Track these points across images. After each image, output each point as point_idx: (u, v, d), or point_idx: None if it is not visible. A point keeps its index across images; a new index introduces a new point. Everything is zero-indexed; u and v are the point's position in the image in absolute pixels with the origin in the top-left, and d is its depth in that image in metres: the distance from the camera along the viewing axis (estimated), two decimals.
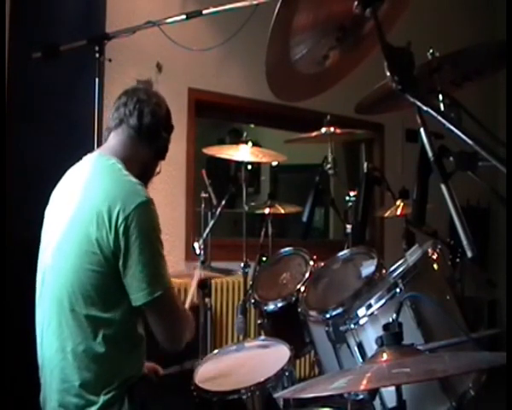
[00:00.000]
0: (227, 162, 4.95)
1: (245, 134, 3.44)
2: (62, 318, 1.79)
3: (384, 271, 2.14)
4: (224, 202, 3.20)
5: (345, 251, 2.46)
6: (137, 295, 1.77)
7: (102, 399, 1.75)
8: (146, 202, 1.80)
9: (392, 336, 1.29)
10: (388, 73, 1.16)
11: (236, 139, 3.82)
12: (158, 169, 2.09)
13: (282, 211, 3.70)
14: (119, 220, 1.75)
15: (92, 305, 1.77)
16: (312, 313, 2.19)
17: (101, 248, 1.76)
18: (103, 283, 1.77)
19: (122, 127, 1.97)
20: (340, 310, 2.04)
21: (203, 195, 3.49)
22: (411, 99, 1.16)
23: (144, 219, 1.78)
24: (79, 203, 1.83)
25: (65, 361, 1.78)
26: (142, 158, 1.99)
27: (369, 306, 1.76)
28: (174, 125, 2.09)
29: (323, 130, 2.98)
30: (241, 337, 3.13)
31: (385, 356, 1.26)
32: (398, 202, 3.34)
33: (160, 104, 2.03)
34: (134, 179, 1.85)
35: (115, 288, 1.77)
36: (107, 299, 1.78)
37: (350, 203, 2.85)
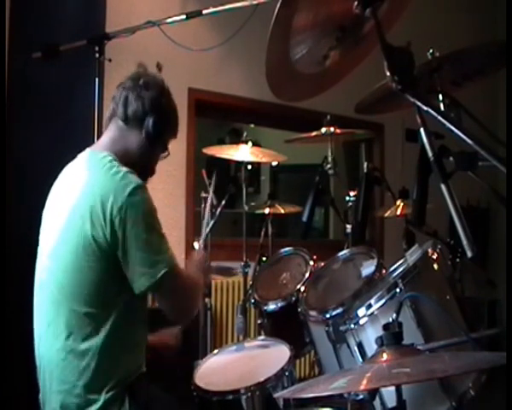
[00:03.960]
0: (227, 162, 4.95)
1: (245, 134, 3.43)
2: (62, 318, 1.79)
3: (384, 271, 2.14)
4: (223, 202, 3.20)
5: (345, 251, 2.46)
6: (141, 280, 1.76)
7: (104, 397, 1.75)
8: (136, 188, 1.78)
9: (392, 336, 1.29)
10: (388, 73, 1.16)
11: (236, 139, 3.81)
12: (166, 153, 2.04)
13: (282, 211, 3.70)
14: (114, 213, 1.74)
15: (91, 303, 1.77)
16: (312, 313, 2.19)
17: (97, 243, 1.75)
18: (101, 279, 1.77)
19: (112, 121, 1.97)
20: (340, 310, 2.04)
21: (203, 195, 3.49)
22: (411, 99, 1.16)
23: (137, 205, 1.77)
24: (74, 202, 1.82)
25: (65, 361, 1.78)
26: (136, 146, 1.95)
27: (369, 306, 1.76)
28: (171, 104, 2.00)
29: (323, 130, 2.97)
30: (241, 337, 3.13)
31: (385, 356, 1.26)
32: (398, 202, 3.34)
33: (148, 85, 1.95)
34: (124, 168, 1.83)
35: (113, 283, 1.77)
36: (106, 296, 1.78)
37: (350, 203, 2.85)
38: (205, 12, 2.74)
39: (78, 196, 1.82)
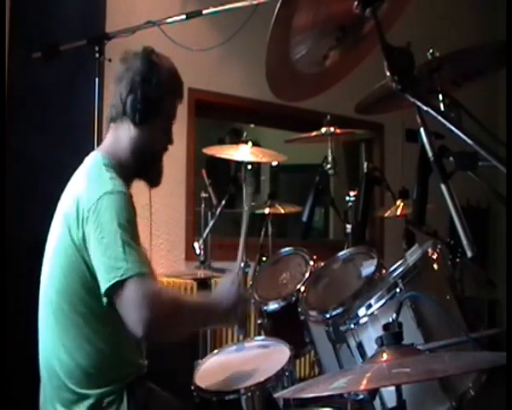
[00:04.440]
0: (227, 162, 4.95)
1: (245, 134, 3.43)
2: (55, 318, 1.80)
3: (384, 271, 2.14)
4: (223, 202, 3.20)
5: (345, 251, 2.45)
6: (101, 286, 1.69)
7: (99, 393, 1.75)
8: (110, 193, 1.74)
9: (392, 336, 1.29)
10: (388, 73, 1.17)
11: (236, 139, 3.81)
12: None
13: (282, 211, 3.70)
14: (84, 213, 1.73)
15: (83, 302, 1.76)
16: (312, 313, 2.19)
17: (75, 244, 1.75)
18: (87, 279, 1.75)
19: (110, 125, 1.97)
20: (340, 310, 2.04)
21: (203, 195, 3.49)
22: (411, 99, 1.17)
23: (106, 208, 1.72)
24: (68, 205, 1.83)
25: (61, 359, 1.78)
26: (126, 138, 1.91)
27: (369, 306, 1.76)
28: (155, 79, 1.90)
29: (323, 130, 2.98)
30: (241, 337, 3.12)
31: (385, 356, 1.26)
32: (398, 202, 3.34)
33: (123, 75, 1.89)
34: (108, 174, 1.80)
35: (98, 282, 1.74)
36: (96, 294, 1.75)
37: (350, 203, 2.85)
38: (205, 12, 2.74)
39: (71, 200, 1.83)
